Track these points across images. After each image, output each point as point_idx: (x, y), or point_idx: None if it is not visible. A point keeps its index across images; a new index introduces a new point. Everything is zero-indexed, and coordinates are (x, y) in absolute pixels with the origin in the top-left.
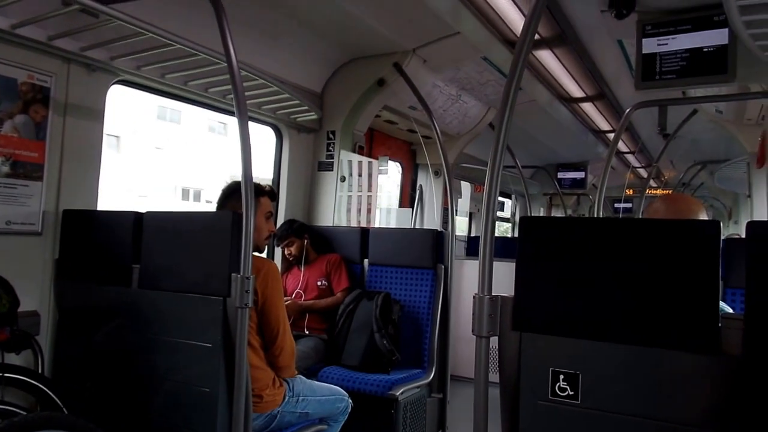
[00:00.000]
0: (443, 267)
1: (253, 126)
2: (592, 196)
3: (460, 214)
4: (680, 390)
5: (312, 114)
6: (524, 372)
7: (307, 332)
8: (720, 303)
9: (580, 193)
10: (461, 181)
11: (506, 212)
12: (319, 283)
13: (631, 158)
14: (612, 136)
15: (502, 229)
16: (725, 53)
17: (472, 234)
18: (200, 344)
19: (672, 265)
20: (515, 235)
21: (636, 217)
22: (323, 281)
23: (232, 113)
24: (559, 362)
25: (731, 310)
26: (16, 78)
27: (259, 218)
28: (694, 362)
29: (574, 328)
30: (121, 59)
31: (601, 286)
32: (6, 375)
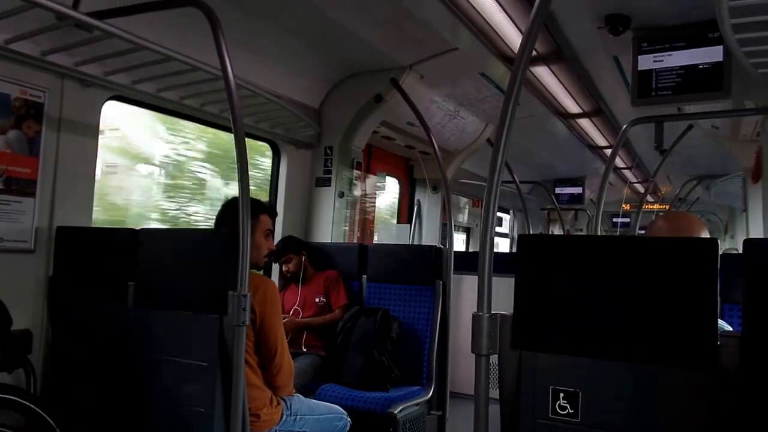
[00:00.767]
0: (441, 283)
1: None
2: (590, 211)
3: (458, 230)
4: (680, 407)
5: (310, 130)
6: (524, 390)
7: (304, 350)
8: (719, 321)
9: (577, 209)
10: (459, 197)
11: (504, 228)
12: (317, 300)
13: (628, 173)
14: (609, 151)
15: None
16: (720, 70)
17: (471, 249)
18: (196, 363)
19: (670, 283)
20: (514, 251)
21: (634, 233)
22: (321, 298)
23: (229, 129)
24: (559, 380)
25: (730, 328)
26: (8, 93)
27: (258, 236)
28: (694, 379)
29: (574, 346)
30: (116, 75)
31: (600, 303)
32: None
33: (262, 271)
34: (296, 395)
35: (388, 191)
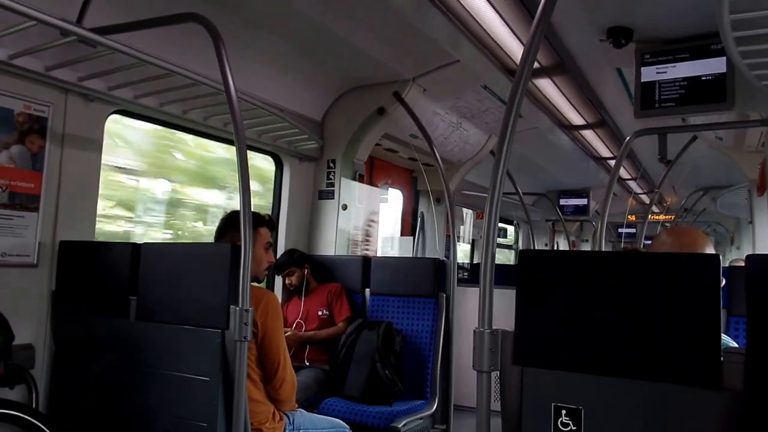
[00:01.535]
0: (445, 296)
1: None
2: (594, 222)
3: (463, 242)
4: (683, 425)
5: (312, 142)
6: (526, 407)
7: (307, 363)
8: (723, 336)
9: (582, 220)
10: (463, 209)
11: (509, 239)
12: (320, 313)
13: (633, 184)
14: (613, 162)
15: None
16: (723, 81)
17: (475, 261)
18: (198, 378)
19: (673, 299)
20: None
21: (640, 244)
22: (324, 311)
23: (231, 142)
24: (561, 397)
25: (734, 344)
26: (12, 108)
27: (258, 249)
28: (697, 397)
29: (576, 363)
30: (119, 89)
31: (601, 319)
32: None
33: (264, 284)
34: (299, 410)
35: (391, 203)
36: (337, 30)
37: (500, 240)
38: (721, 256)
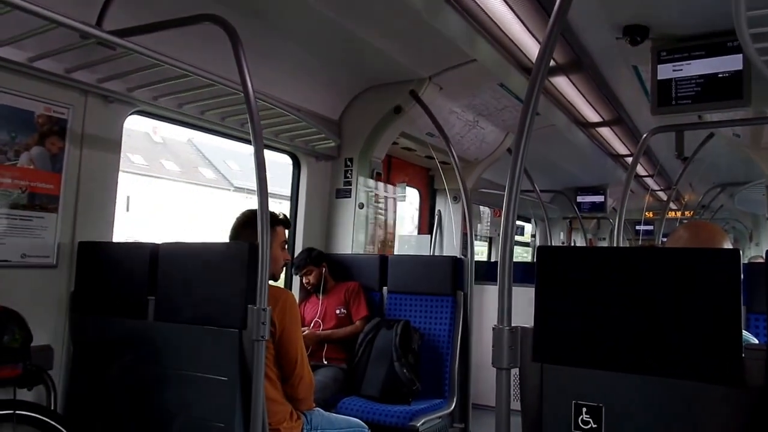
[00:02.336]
0: (463, 294)
1: None
2: (612, 220)
3: (480, 240)
4: (705, 422)
5: (329, 142)
6: (546, 404)
7: (325, 362)
8: (744, 333)
9: (600, 217)
10: (480, 207)
11: (526, 236)
12: (337, 312)
13: (650, 181)
14: (630, 159)
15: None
16: (740, 78)
17: (493, 259)
18: (216, 378)
19: (693, 295)
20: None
21: (658, 241)
22: (342, 309)
23: (249, 142)
24: (582, 394)
25: (755, 340)
26: (32, 110)
27: (275, 248)
28: (718, 394)
29: (596, 360)
30: (138, 90)
31: (621, 315)
32: (18, 412)
33: (282, 283)
34: (316, 409)
35: (408, 202)
36: (353, 29)
37: (517, 237)
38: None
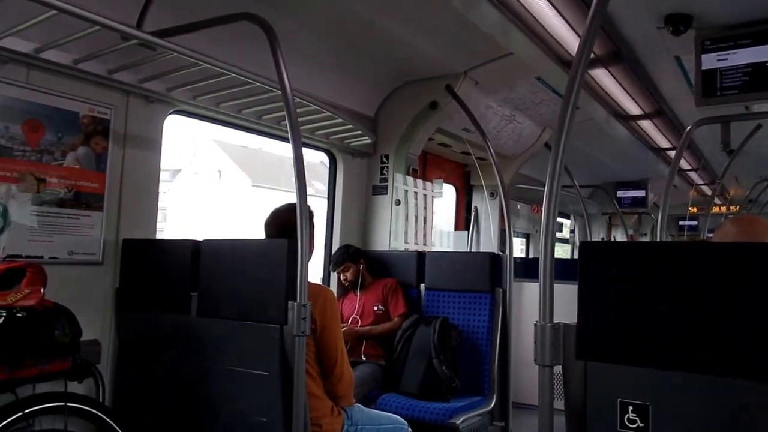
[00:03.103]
0: (501, 290)
1: None
2: (654, 215)
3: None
4: (757, 423)
5: (365, 138)
6: (590, 403)
7: (364, 358)
8: None
9: (641, 212)
10: (518, 202)
11: (565, 233)
12: (375, 308)
13: (694, 175)
14: (673, 153)
15: (560, 252)
16: None
17: (530, 255)
18: (257, 372)
19: (743, 291)
20: (575, 257)
21: (703, 237)
22: (380, 306)
23: (286, 139)
24: (628, 393)
25: None
26: (77, 111)
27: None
28: None
29: (642, 357)
30: (177, 90)
31: (668, 312)
32: (69, 404)
33: (320, 279)
34: (357, 405)
35: (445, 198)
36: (387, 25)
37: (556, 234)
38: None
